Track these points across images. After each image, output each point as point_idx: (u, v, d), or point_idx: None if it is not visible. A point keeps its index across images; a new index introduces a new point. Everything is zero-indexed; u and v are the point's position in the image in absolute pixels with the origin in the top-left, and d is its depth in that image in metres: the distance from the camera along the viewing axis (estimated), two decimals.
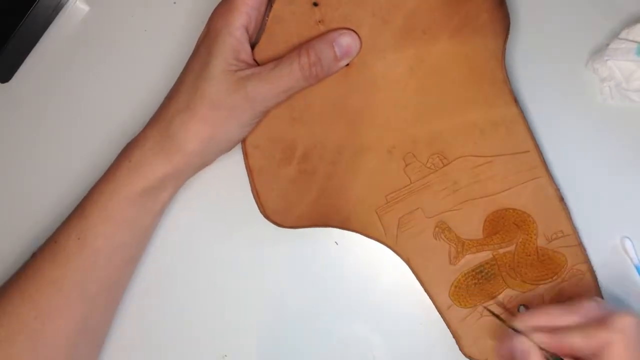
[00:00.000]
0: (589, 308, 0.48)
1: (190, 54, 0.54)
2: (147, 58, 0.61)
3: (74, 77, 0.61)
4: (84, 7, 0.61)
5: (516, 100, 0.55)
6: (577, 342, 0.46)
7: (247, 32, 0.51)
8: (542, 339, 0.47)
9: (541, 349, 0.47)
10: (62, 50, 0.61)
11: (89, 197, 0.53)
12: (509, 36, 0.54)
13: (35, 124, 0.61)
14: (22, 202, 0.60)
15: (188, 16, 0.60)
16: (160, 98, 0.55)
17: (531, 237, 0.55)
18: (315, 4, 0.51)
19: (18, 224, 0.59)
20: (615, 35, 0.55)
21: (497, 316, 0.53)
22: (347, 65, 0.53)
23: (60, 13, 0.61)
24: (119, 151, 0.54)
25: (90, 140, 0.60)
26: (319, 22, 0.52)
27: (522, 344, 0.47)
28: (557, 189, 0.55)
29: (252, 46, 0.52)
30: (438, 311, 0.55)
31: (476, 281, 0.55)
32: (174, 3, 0.61)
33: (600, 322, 0.46)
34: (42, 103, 0.61)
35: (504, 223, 0.55)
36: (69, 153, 0.60)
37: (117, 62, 0.61)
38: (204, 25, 0.54)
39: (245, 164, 0.54)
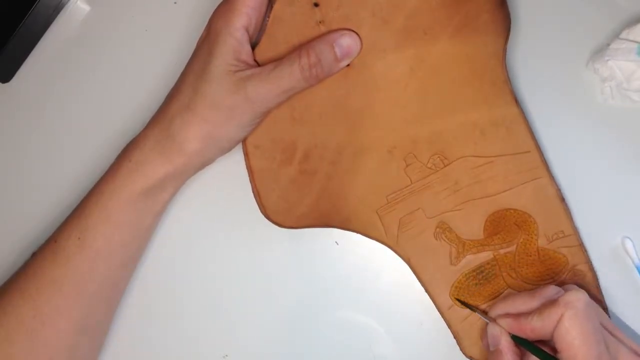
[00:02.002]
0: (547, 292, 0.50)
1: (191, 54, 0.54)
2: (148, 58, 0.61)
3: (75, 77, 0.61)
4: (84, 7, 0.61)
5: (517, 101, 0.55)
6: (535, 323, 0.49)
7: (248, 32, 0.51)
8: (507, 323, 0.51)
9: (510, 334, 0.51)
10: (62, 50, 0.61)
11: (89, 197, 0.53)
12: (510, 36, 0.54)
13: (35, 124, 0.61)
14: (23, 201, 0.60)
15: (189, 16, 0.60)
16: (161, 98, 0.55)
17: (532, 238, 0.55)
18: (316, 5, 0.51)
19: (18, 223, 0.60)
20: (616, 35, 0.55)
21: (469, 306, 0.55)
22: (348, 65, 0.53)
23: (61, 13, 0.61)
24: (120, 151, 0.54)
25: (91, 140, 0.60)
26: (320, 22, 0.52)
27: (493, 329, 0.51)
28: (558, 189, 0.55)
29: (253, 47, 0.52)
30: (439, 311, 0.55)
31: (477, 281, 0.55)
32: (175, 3, 0.61)
33: (552, 302, 0.48)
34: (43, 103, 0.61)
35: (504, 223, 0.55)
36: (69, 153, 0.60)
37: (117, 62, 0.61)
38: (205, 26, 0.54)
39: (246, 164, 0.54)
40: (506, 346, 0.50)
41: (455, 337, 0.55)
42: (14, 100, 0.61)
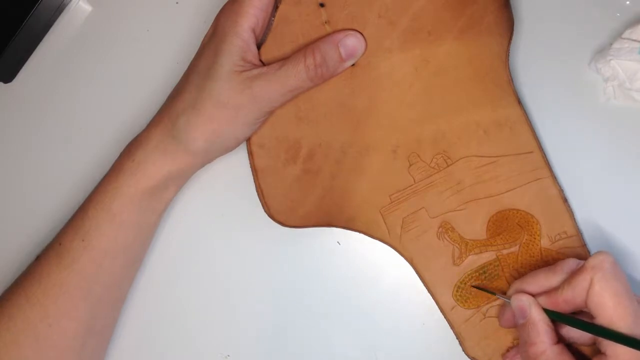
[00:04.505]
0: (568, 264, 0.49)
1: (193, 53, 0.54)
2: (150, 58, 0.61)
3: (77, 77, 0.61)
4: (86, 7, 0.61)
5: (519, 101, 0.55)
6: (567, 294, 0.47)
7: (254, 33, 0.51)
8: (540, 300, 0.49)
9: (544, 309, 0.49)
10: (64, 50, 0.61)
11: (92, 197, 0.53)
12: (512, 37, 0.54)
13: (38, 124, 0.60)
14: (25, 203, 0.60)
15: (190, 16, 0.60)
16: (163, 98, 0.55)
17: (535, 238, 0.55)
18: (322, 5, 0.52)
19: (21, 225, 0.59)
20: (618, 35, 0.55)
21: (486, 289, 0.54)
22: (353, 65, 0.53)
23: (63, 13, 0.61)
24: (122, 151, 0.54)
25: (93, 140, 0.60)
26: (325, 22, 0.52)
27: (519, 301, 0.50)
28: (561, 190, 0.55)
29: (258, 46, 0.53)
30: (441, 312, 0.55)
31: (479, 282, 0.55)
32: (177, 3, 0.61)
33: (579, 269, 0.47)
34: (45, 103, 0.61)
35: (507, 223, 0.55)
36: (71, 153, 0.60)
37: (119, 62, 0.61)
38: (206, 25, 0.54)
39: (250, 163, 0.54)
40: (538, 315, 0.49)
41: (457, 338, 0.55)
42: (15, 100, 0.61)
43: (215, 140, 0.52)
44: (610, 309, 0.45)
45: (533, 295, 0.50)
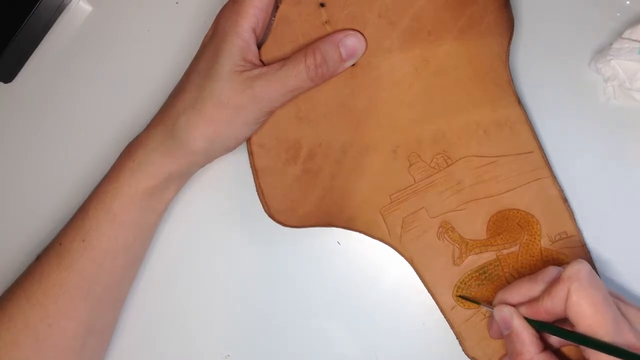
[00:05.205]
0: (548, 273, 0.49)
1: (193, 53, 0.54)
2: (150, 58, 0.61)
3: (77, 77, 0.61)
4: (86, 7, 0.61)
5: (519, 101, 0.55)
6: (546, 304, 0.48)
7: (255, 33, 0.51)
8: (522, 310, 0.50)
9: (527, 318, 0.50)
10: (64, 50, 0.61)
11: (92, 197, 0.53)
12: (512, 37, 0.54)
13: (38, 124, 0.60)
14: (25, 203, 0.60)
15: (190, 16, 0.60)
16: (163, 98, 0.55)
17: (535, 238, 0.55)
18: (322, 5, 0.52)
19: (21, 225, 0.59)
20: (618, 35, 0.55)
21: (471, 300, 0.54)
22: (353, 65, 0.53)
23: (63, 13, 0.61)
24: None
25: (94, 140, 0.60)
26: (326, 22, 0.52)
27: (502, 312, 0.50)
28: (561, 190, 0.55)
29: (259, 46, 0.52)
30: (441, 312, 0.55)
31: (479, 282, 0.55)
32: (177, 3, 0.61)
33: (557, 280, 0.48)
34: (45, 103, 0.61)
35: (507, 223, 0.55)
36: (72, 153, 0.60)
37: (119, 62, 0.61)
38: (207, 25, 0.54)
39: (250, 163, 0.54)
40: (520, 325, 0.49)
41: (457, 338, 0.55)
42: (16, 100, 0.61)
43: (215, 140, 0.52)
44: (589, 318, 0.46)
45: (516, 305, 0.50)
